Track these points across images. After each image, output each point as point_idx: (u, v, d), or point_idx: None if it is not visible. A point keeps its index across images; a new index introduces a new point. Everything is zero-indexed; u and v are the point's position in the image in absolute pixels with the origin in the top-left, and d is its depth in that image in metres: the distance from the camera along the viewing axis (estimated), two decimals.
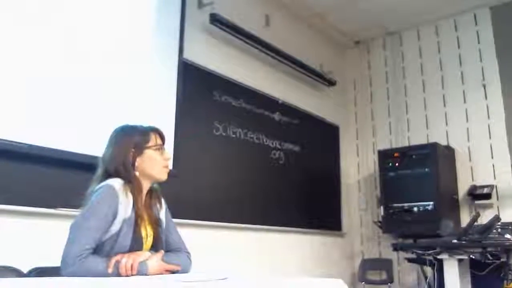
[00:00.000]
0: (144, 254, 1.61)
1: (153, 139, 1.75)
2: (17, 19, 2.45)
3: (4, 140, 2.33)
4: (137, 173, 1.70)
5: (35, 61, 2.51)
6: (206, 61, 3.78)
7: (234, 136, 3.97)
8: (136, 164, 1.70)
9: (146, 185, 1.74)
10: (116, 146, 1.72)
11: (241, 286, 1.43)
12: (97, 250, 1.56)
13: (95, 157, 1.79)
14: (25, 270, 1.73)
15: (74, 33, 2.71)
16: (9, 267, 1.73)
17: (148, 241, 1.72)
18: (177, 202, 3.27)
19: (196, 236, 3.45)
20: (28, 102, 2.46)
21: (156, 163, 1.73)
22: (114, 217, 1.58)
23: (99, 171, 1.71)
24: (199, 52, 3.72)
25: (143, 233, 1.69)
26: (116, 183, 1.62)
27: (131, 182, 1.67)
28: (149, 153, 1.72)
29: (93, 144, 2.01)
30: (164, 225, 1.80)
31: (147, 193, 1.77)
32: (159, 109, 3.19)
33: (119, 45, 2.98)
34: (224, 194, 3.73)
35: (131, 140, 1.72)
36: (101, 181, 1.66)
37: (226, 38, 4.00)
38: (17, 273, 1.71)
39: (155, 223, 1.76)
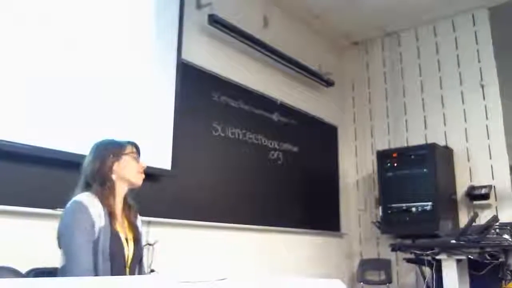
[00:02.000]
0: None
1: (130, 148, 1.90)
2: (17, 19, 2.44)
3: (4, 141, 2.33)
4: (114, 176, 1.82)
5: (36, 61, 2.51)
6: (205, 62, 3.78)
7: (232, 136, 3.97)
8: (114, 167, 1.82)
9: (122, 189, 1.86)
10: (95, 154, 1.85)
11: (240, 286, 1.43)
12: None
13: None
14: (23, 270, 1.73)
15: (73, 35, 2.71)
16: (8, 267, 1.73)
17: (130, 244, 1.79)
18: (175, 203, 3.29)
19: (194, 237, 3.46)
20: (28, 103, 2.46)
21: (132, 168, 1.87)
22: (93, 226, 1.67)
23: (80, 179, 1.82)
24: (198, 53, 3.72)
25: (122, 236, 1.76)
26: (82, 197, 1.72)
27: (104, 183, 1.77)
28: (126, 158, 1.86)
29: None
30: (142, 233, 1.90)
31: (125, 204, 1.87)
32: (158, 109, 3.19)
33: (118, 46, 2.98)
34: (222, 194, 3.73)
35: (109, 149, 1.86)
36: (80, 188, 1.78)
37: (225, 39, 4.00)
38: (15, 273, 1.71)
39: (135, 227, 1.86)
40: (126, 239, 1.77)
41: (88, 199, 1.71)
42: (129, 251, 1.76)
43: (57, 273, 1.64)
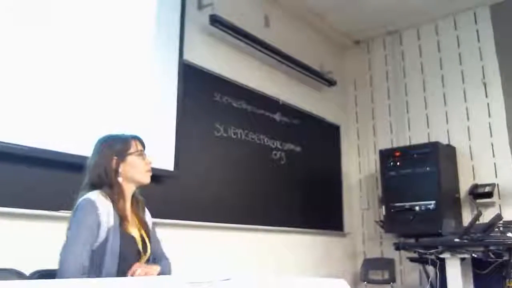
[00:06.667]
0: (156, 269, 1.70)
1: (134, 146, 1.86)
2: (17, 19, 2.44)
3: (5, 143, 2.33)
4: (120, 179, 1.79)
5: (35, 62, 2.51)
6: (207, 62, 3.78)
7: (235, 137, 3.97)
8: (120, 170, 1.79)
9: (130, 189, 1.83)
10: (99, 154, 1.81)
11: (244, 286, 1.43)
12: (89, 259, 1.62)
13: None
14: (27, 272, 1.74)
15: (74, 36, 2.71)
16: (12, 269, 1.74)
17: (146, 242, 1.78)
18: (178, 203, 3.29)
19: (197, 237, 3.46)
20: (29, 104, 2.46)
21: (139, 168, 1.83)
22: (98, 227, 1.65)
23: (85, 179, 1.80)
24: (200, 53, 3.72)
25: (134, 234, 1.75)
26: (92, 195, 1.70)
27: (112, 187, 1.75)
28: (131, 159, 1.82)
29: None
30: (151, 229, 1.88)
31: (133, 201, 1.85)
32: (160, 110, 3.19)
33: (119, 47, 2.98)
34: (225, 195, 3.73)
35: (112, 148, 1.82)
36: (86, 189, 1.75)
37: (226, 39, 4.00)
38: (19, 275, 1.72)
39: (144, 224, 1.85)
40: (139, 236, 1.77)
41: (99, 198, 1.69)
42: (143, 249, 1.76)
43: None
